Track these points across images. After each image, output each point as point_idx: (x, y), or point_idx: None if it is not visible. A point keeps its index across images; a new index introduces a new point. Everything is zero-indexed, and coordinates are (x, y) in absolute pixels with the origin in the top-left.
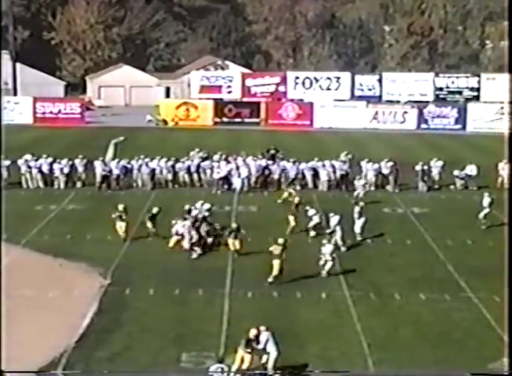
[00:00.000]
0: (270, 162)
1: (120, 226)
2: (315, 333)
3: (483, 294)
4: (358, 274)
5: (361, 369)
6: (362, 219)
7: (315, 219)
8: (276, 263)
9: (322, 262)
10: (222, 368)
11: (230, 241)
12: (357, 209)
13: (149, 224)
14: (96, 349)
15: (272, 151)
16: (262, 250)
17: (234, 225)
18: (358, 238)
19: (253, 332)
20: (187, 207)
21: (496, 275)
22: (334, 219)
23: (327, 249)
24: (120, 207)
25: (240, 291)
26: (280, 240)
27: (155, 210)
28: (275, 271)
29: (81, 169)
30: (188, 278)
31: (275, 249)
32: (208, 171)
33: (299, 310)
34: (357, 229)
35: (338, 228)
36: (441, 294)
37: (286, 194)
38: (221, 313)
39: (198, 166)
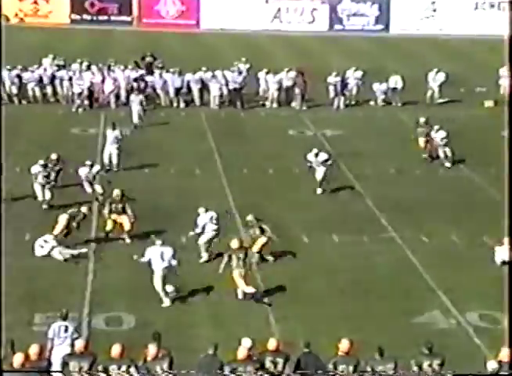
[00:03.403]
0: (145, 72)
1: None
2: (205, 287)
3: (408, 234)
4: (255, 212)
5: (261, 326)
6: None
7: None
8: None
9: None
10: (66, 327)
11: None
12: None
13: None
14: None
15: (149, 58)
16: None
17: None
18: None
19: None
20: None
21: (424, 211)
22: None
23: None
24: None
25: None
26: None
27: None
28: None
29: None
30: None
31: None
32: (66, 84)
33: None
34: None
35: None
36: (359, 234)
37: None
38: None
39: (52, 77)
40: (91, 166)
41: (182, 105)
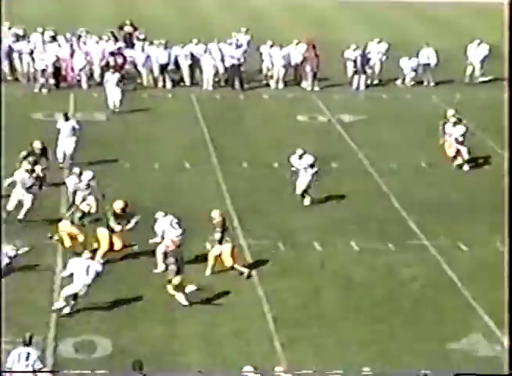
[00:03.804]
0: (123, 45)
1: None
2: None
3: (442, 241)
4: (257, 215)
5: (266, 353)
6: None
7: None
8: None
9: None
10: (28, 354)
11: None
12: None
13: None
14: None
15: (128, 28)
16: None
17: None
18: None
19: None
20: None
21: (462, 213)
22: None
23: None
24: None
25: None
26: None
27: None
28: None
29: None
30: None
31: None
32: (26, 58)
33: None
34: None
35: None
36: (382, 241)
37: None
38: None
39: (10, 50)
40: (80, 174)
41: (169, 85)
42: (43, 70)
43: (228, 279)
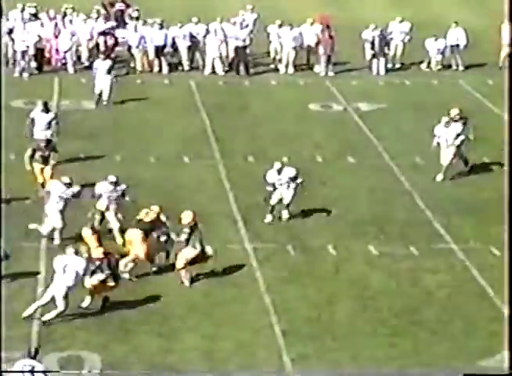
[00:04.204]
0: (115, 24)
1: None
2: (197, 315)
3: (473, 244)
4: (264, 216)
5: (274, 370)
6: None
7: None
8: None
9: None
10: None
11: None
12: None
13: None
14: None
15: (119, 5)
16: None
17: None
18: None
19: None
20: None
21: (494, 213)
22: None
23: None
24: None
25: None
26: None
27: None
28: None
29: None
30: None
31: None
32: (4, 39)
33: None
34: None
35: None
36: (404, 245)
37: None
38: None
39: None
40: (116, 183)
41: (166, 69)
42: (23, 52)
43: (232, 286)
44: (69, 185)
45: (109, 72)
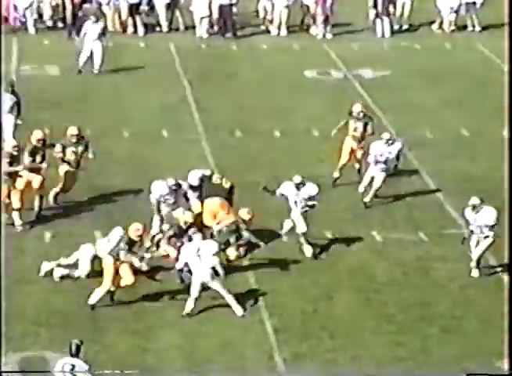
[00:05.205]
0: None
1: None
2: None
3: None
4: (253, 199)
5: (264, 371)
6: None
7: None
8: None
9: None
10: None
11: None
12: None
13: None
14: None
15: None
16: None
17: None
18: None
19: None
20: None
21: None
22: None
23: None
24: None
25: None
26: None
27: None
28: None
29: None
30: None
31: None
32: None
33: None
34: None
35: None
36: (412, 230)
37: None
38: None
39: None
40: (179, 186)
41: (141, 30)
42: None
43: None
44: None
45: (100, 37)
